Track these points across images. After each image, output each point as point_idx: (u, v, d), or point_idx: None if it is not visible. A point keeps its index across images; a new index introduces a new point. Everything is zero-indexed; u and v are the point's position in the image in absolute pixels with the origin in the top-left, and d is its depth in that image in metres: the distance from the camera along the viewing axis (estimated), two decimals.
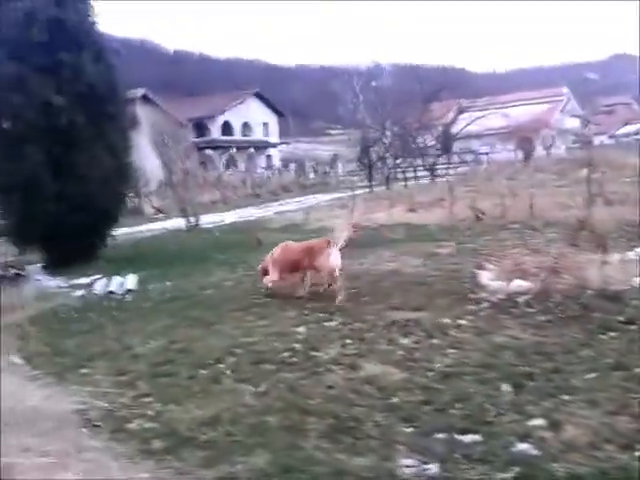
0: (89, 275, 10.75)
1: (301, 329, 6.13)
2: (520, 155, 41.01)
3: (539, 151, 43.46)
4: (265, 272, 7.95)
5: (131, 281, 9.53)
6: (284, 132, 63.87)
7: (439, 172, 34.60)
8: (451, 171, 39.00)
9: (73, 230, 10.93)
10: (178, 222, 20.37)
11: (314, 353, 5.32)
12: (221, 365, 5.19)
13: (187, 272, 10.14)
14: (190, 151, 17.09)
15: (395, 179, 32.52)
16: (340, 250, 7.32)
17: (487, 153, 45.58)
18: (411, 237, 12.04)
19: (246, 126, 57.80)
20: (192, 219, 16.73)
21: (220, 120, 54.11)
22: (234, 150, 52.77)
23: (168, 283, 9.37)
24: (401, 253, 10.20)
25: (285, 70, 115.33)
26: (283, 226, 16.46)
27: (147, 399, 4.55)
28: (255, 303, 7.38)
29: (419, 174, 34.14)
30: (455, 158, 43.57)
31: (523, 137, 41.44)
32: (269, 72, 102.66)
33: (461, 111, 38.99)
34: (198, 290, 8.56)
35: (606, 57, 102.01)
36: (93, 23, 11.21)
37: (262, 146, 57.78)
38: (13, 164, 10.36)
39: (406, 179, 31.59)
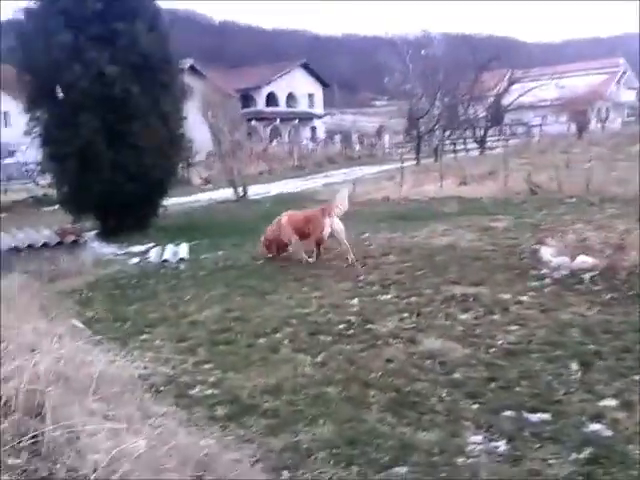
0: (143, 243, 10.95)
1: (355, 301, 6.08)
2: (573, 128, 39.73)
3: (593, 124, 41.96)
4: (269, 243, 8.44)
5: (184, 250, 9.65)
6: (329, 103, 63.31)
7: (489, 144, 33.80)
8: (501, 143, 38.12)
9: (127, 199, 11.11)
10: (226, 193, 20.56)
11: (370, 326, 5.27)
12: (278, 335, 5.19)
13: (238, 242, 10.18)
14: (239, 122, 17.05)
15: (443, 151, 31.85)
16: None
17: (539, 125, 44.24)
18: (464, 211, 11.78)
19: (291, 97, 57.49)
20: (240, 190, 16.77)
21: (265, 91, 53.89)
22: (278, 122, 52.58)
23: (220, 253, 9.43)
24: (455, 227, 9.98)
25: (331, 40, 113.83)
26: (330, 198, 16.32)
27: (207, 366, 4.59)
28: (309, 274, 7.36)
29: (468, 146, 33.39)
30: (505, 130, 42.45)
31: (577, 109, 40.01)
32: (315, 42, 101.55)
33: (513, 82, 37.69)
34: (250, 260, 8.58)
35: None
36: None
37: (307, 117, 57.41)
38: (68, 132, 10.53)
39: (455, 151, 30.91)
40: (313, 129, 58.06)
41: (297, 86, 57.42)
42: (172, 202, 14.71)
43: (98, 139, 10.55)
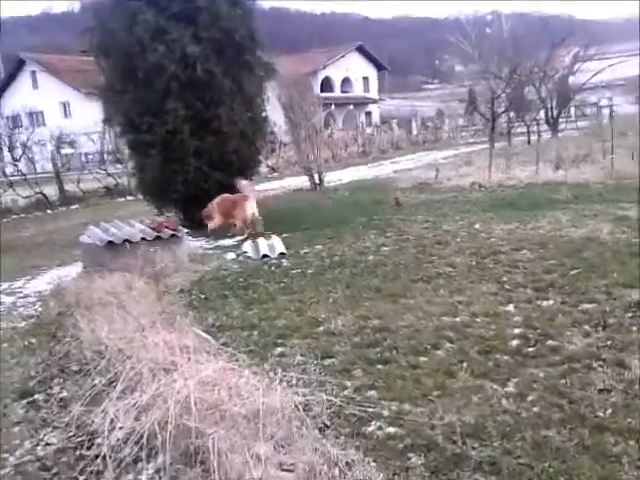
0: (229, 236, 10.31)
1: (511, 308, 5.17)
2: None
3: None
4: (208, 217, 10.13)
5: (279, 244, 8.92)
6: (380, 88, 61.89)
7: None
8: (570, 125, 36.13)
9: (211, 188, 10.44)
10: (295, 181, 19.88)
11: (552, 342, 4.36)
12: (440, 352, 4.34)
13: (333, 235, 9.39)
14: (316, 105, 16.20)
15: (510, 134, 30.25)
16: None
17: (609, 106, 41.81)
18: (578, 198, 10.65)
19: (346, 81, 56.39)
20: (316, 178, 15.98)
21: (321, 76, 52.90)
22: (333, 107, 51.62)
23: (319, 247, 8.65)
24: (579, 216, 8.92)
25: (381, 23, 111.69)
26: (414, 185, 15.39)
27: (373, 393, 3.78)
28: (436, 273, 6.48)
29: (540, 129, 31.64)
30: (573, 112, 40.33)
31: None
32: (364, 25, 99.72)
33: (581, 60, 35.46)
34: (358, 255, 7.76)
35: None
36: None
37: (362, 102, 56.23)
38: (153, 119, 9.89)
39: (529, 133, 29.31)
40: (368, 114, 56.84)
41: (352, 69, 56.28)
42: None
43: (184, 126, 9.87)
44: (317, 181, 16.01)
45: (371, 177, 19.98)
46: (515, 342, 4.40)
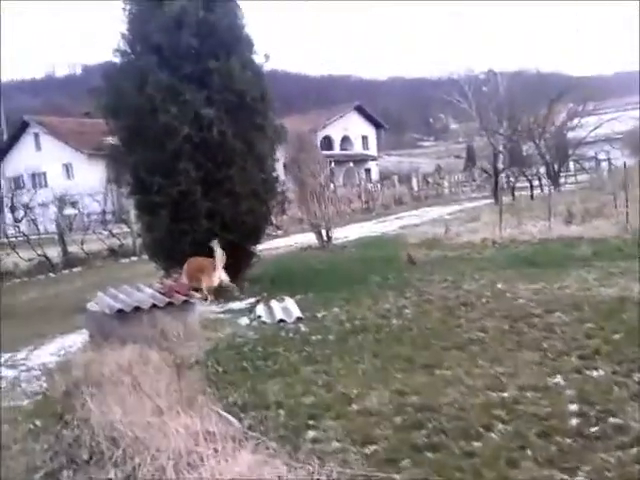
0: (240, 299, 9.93)
1: (559, 380, 4.76)
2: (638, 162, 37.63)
3: None
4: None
5: (293, 307, 8.54)
6: (378, 145, 62.78)
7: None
8: (570, 180, 36.28)
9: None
10: (301, 238, 19.64)
11: (615, 420, 3.93)
12: (493, 435, 3.91)
13: (349, 297, 9.02)
14: (323, 162, 16.11)
15: (513, 189, 30.28)
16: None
17: (608, 159, 42.21)
18: (599, 254, 10.34)
19: (345, 139, 57.22)
20: (324, 235, 15.72)
21: (320, 135, 53.67)
22: (333, 164, 52.11)
23: (337, 309, 8.27)
24: (606, 274, 8.61)
25: (376, 83, 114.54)
26: (423, 241, 15.10)
27: None
28: (469, 339, 6.08)
29: (541, 183, 31.72)
30: (571, 165, 40.56)
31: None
32: (360, 86, 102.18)
33: (579, 115, 35.92)
34: (380, 319, 7.38)
35: None
36: (242, 26, 10.42)
37: (362, 159, 56.93)
38: (164, 180, 9.68)
39: (532, 188, 29.37)
40: (367, 171, 57.40)
41: (351, 128, 57.21)
42: None
43: (195, 187, 9.65)
44: (325, 238, 15.73)
45: (378, 233, 19.76)
46: (575, 421, 3.98)
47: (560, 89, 34.00)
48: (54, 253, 17.49)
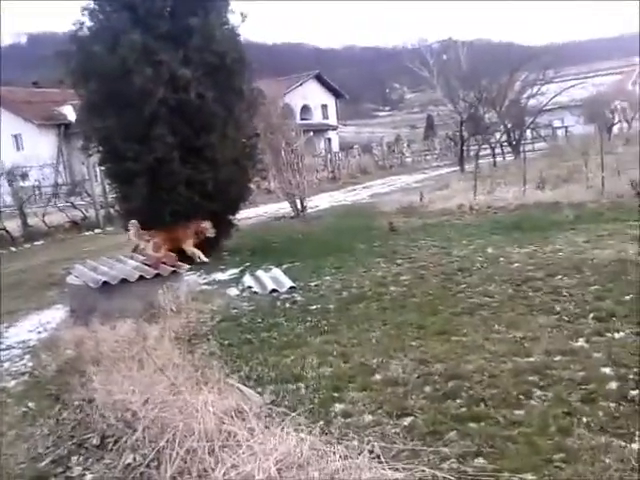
0: (222, 270, 9.59)
1: (583, 343, 4.65)
2: (595, 129, 38.41)
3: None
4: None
5: (281, 277, 8.27)
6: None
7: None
8: (527, 147, 36.71)
9: (202, 219, 9.72)
10: (271, 208, 19.25)
11: None
12: (534, 402, 3.75)
13: (339, 265, 8.80)
14: (298, 131, 15.68)
15: (477, 156, 30.46)
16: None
17: (564, 127, 42.91)
18: (581, 218, 10.35)
19: (305, 109, 56.43)
20: (299, 204, 15.41)
21: (280, 103, 52.39)
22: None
23: (328, 278, 8.04)
24: (595, 237, 8.61)
25: (331, 52, 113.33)
26: (398, 209, 14.94)
27: (481, 461, 3.14)
28: (476, 304, 5.93)
29: (499, 151, 32.02)
30: (528, 133, 41.05)
31: (597, 110, 38.82)
32: (315, 55, 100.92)
33: (539, 84, 36.18)
34: (377, 287, 7.17)
35: None
36: None
37: (322, 129, 56.32)
38: (139, 147, 9.14)
39: (494, 155, 29.61)
40: (328, 140, 56.89)
41: (311, 97, 56.39)
42: None
43: (173, 154, 9.16)
44: (300, 207, 15.41)
45: (349, 202, 19.55)
46: (614, 384, 3.85)
47: (522, 57, 34.19)
48: (13, 226, 16.65)
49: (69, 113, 39.33)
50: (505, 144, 32.97)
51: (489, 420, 3.54)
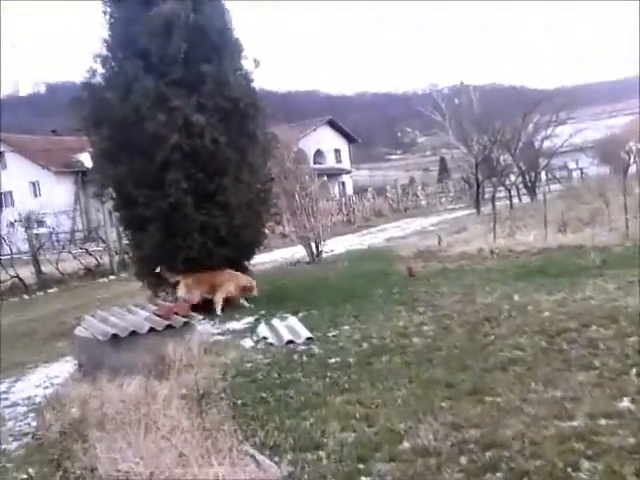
0: (236, 318, 9.28)
1: (629, 404, 4.24)
2: (610, 170, 38.17)
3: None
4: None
5: (297, 325, 7.94)
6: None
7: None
8: (543, 189, 36.43)
9: (216, 265, 9.51)
10: (286, 253, 19.02)
11: None
12: (582, 475, 3.35)
13: (357, 313, 8.45)
14: (312, 174, 15.59)
15: (494, 199, 30.19)
16: None
17: (579, 169, 42.71)
18: (606, 262, 9.95)
19: (319, 154, 56.90)
20: (314, 249, 15.16)
21: (294, 148, 52.91)
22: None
23: (347, 327, 7.69)
24: (627, 284, 8.15)
25: (343, 99, 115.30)
26: (416, 254, 14.63)
27: None
28: (508, 359, 5.54)
29: (514, 193, 31.72)
30: (542, 175, 40.84)
31: (612, 151, 38.68)
32: (327, 102, 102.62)
33: (552, 125, 36.10)
34: (399, 338, 6.79)
35: None
36: (231, 29, 9.84)
37: (336, 173, 56.66)
38: (153, 192, 9.00)
39: (511, 197, 29.34)
40: (342, 184, 57.20)
41: (324, 142, 57.01)
42: None
43: (187, 199, 8.99)
44: (315, 252, 15.15)
45: (364, 246, 19.28)
46: None
47: (534, 100, 34.26)
48: (27, 273, 16.53)
49: (86, 160, 39.87)
50: (521, 186, 32.78)
51: None
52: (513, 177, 33.18)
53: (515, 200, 30.40)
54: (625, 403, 4.27)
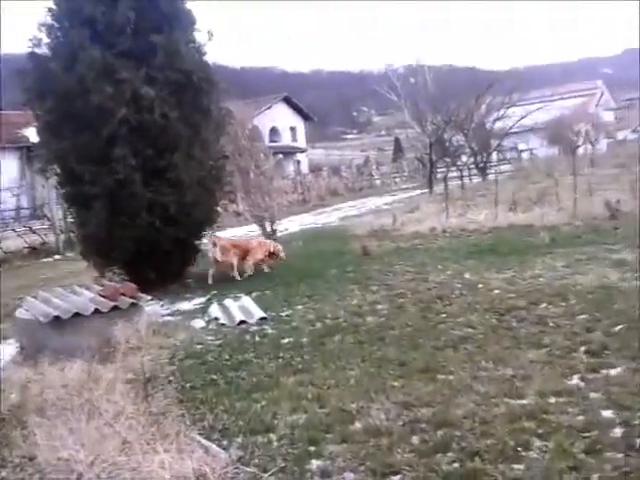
0: (187, 298, 9.08)
1: (578, 382, 4.31)
2: (559, 151, 39.17)
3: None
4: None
5: (252, 306, 7.80)
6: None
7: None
8: (493, 169, 37.10)
9: (165, 245, 9.25)
10: (238, 232, 18.77)
11: None
12: (533, 454, 3.37)
13: (311, 292, 8.38)
14: (267, 152, 15.30)
15: (446, 179, 30.52)
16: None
17: (529, 150, 43.55)
18: (555, 241, 10.15)
19: (274, 131, 56.29)
20: (268, 228, 14.95)
21: (248, 125, 52.10)
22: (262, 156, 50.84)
23: (300, 307, 7.61)
24: (574, 261, 8.40)
25: (299, 76, 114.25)
26: (370, 233, 14.61)
27: None
28: (459, 337, 5.57)
29: (465, 174, 32.15)
30: (494, 156, 41.60)
31: (561, 132, 39.70)
32: (283, 78, 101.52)
33: (504, 107, 36.60)
34: (353, 317, 6.76)
35: (621, 51, 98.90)
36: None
37: (291, 151, 56.22)
38: (98, 168, 8.63)
39: (462, 178, 29.70)
40: (297, 162, 56.78)
41: (280, 120, 56.34)
42: None
43: (134, 176, 8.66)
44: (270, 231, 14.95)
45: (319, 225, 19.21)
46: (618, 432, 3.49)
47: (486, 81, 34.60)
48: None
49: (32, 135, 38.22)
50: (472, 166, 33.22)
51: (486, 478, 3.13)
52: (465, 158, 33.70)
53: (467, 180, 30.78)
54: (574, 381, 4.34)
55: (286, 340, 6.10)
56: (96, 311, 6.18)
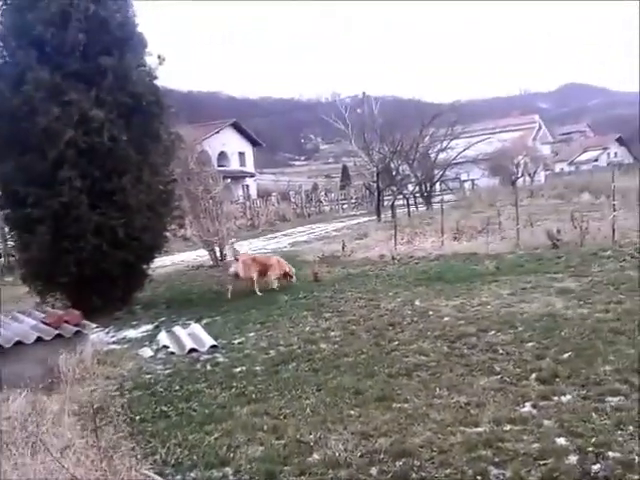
0: (133, 326, 8.83)
1: (531, 409, 4.39)
2: (499, 182, 40.70)
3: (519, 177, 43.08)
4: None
5: (202, 333, 7.65)
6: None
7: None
8: (436, 198, 38.06)
9: (112, 270, 9.02)
10: (187, 256, 18.53)
11: (614, 454, 3.58)
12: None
13: (263, 319, 8.28)
14: (218, 178, 15.19)
15: (393, 207, 31.07)
16: None
17: (471, 180, 44.96)
18: (500, 269, 10.41)
19: (222, 156, 56.10)
20: (218, 253, 14.80)
21: (198, 149, 51.79)
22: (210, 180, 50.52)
23: (252, 334, 7.51)
24: (519, 289, 8.56)
25: (247, 102, 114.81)
26: (321, 258, 14.63)
27: None
28: (413, 364, 5.60)
29: (411, 202, 32.84)
30: (437, 186, 42.68)
31: (502, 164, 41.35)
32: (231, 104, 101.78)
33: (447, 139, 37.69)
34: (307, 345, 6.72)
35: (557, 87, 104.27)
36: (134, 24, 9.37)
37: (240, 176, 56.12)
38: (42, 191, 8.36)
39: (409, 206, 30.34)
40: (246, 187, 56.70)
41: (228, 145, 56.24)
42: None
43: (80, 198, 8.42)
44: (219, 256, 14.79)
45: (269, 251, 19.08)
46: (573, 459, 3.56)
47: (430, 113, 35.59)
48: None
49: None
50: (418, 195, 33.97)
51: None
52: (411, 187, 34.42)
53: (412, 208, 31.40)
54: (527, 408, 4.41)
55: (239, 369, 6.00)
56: (39, 339, 5.91)
